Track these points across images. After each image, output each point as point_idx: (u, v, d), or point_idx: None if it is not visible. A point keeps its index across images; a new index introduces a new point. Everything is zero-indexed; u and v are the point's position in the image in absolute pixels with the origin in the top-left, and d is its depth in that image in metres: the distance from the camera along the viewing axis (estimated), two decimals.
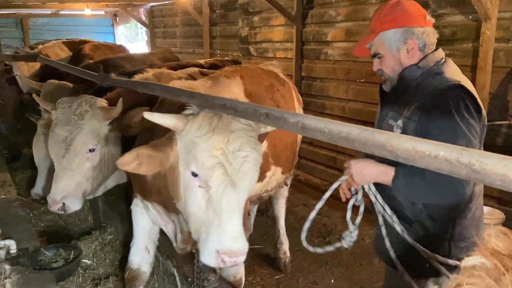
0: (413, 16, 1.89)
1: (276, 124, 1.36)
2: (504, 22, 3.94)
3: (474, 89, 1.84)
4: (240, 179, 1.79)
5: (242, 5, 7.52)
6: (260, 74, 3.20)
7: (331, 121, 1.18)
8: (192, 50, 9.34)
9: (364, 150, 1.09)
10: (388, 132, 1.03)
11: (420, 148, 0.93)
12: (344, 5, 5.62)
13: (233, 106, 1.54)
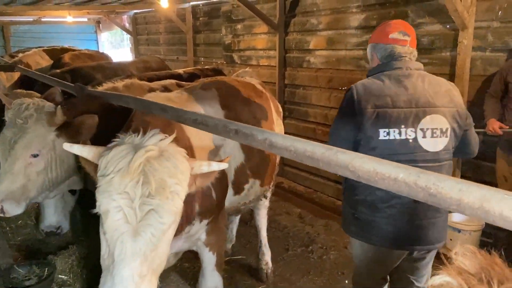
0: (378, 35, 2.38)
1: (246, 141, 1.35)
2: (481, 31, 4.01)
3: (366, 92, 2.23)
4: (143, 230, 1.57)
5: (225, 13, 7.54)
6: (236, 86, 3.18)
7: (298, 139, 1.17)
8: (176, 57, 9.31)
9: (328, 170, 1.08)
10: (352, 152, 1.03)
11: (380, 170, 0.93)
12: (325, 14, 5.66)
13: (204, 122, 1.53)
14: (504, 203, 0.73)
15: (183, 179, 1.70)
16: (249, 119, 2.99)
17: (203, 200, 2.33)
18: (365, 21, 5.11)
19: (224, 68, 7.63)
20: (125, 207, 1.58)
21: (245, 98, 3.14)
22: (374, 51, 2.35)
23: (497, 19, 3.88)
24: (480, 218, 0.76)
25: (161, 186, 1.62)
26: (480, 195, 0.76)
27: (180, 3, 8.15)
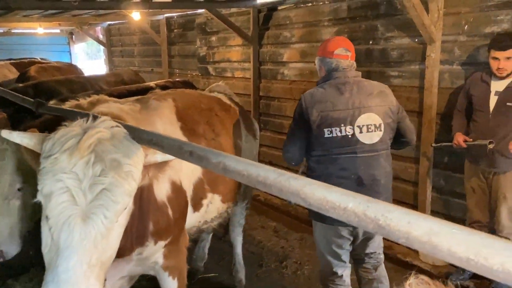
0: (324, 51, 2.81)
1: (200, 163, 1.29)
2: (448, 45, 4.09)
3: (312, 100, 2.69)
4: (94, 211, 1.42)
5: (200, 25, 7.51)
6: (197, 98, 3.06)
7: (252, 163, 1.12)
8: (151, 69, 9.21)
9: (280, 196, 1.04)
10: (304, 178, 0.98)
11: (330, 198, 0.89)
12: (298, 27, 5.69)
13: (159, 142, 1.47)
14: (452, 237, 0.69)
15: (137, 161, 1.59)
16: (206, 132, 2.88)
17: (158, 217, 2.17)
18: (336, 34, 5.15)
19: (199, 80, 7.61)
20: (72, 187, 1.43)
21: (206, 110, 3.04)
22: (322, 64, 2.82)
23: (464, 33, 3.96)
24: (429, 253, 0.72)
25: (115, 164, 1.50)
26: (428, 228, 0.72)
27: (154, 15, 8.08)
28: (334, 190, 0.90)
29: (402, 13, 4.38)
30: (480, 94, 3.57)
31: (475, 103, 3.61)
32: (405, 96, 4.51)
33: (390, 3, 4.50)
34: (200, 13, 7.41)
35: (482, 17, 3.81)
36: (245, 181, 1.12)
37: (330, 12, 5.19)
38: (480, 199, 3.69)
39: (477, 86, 3.61)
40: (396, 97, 4.54)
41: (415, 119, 4.45)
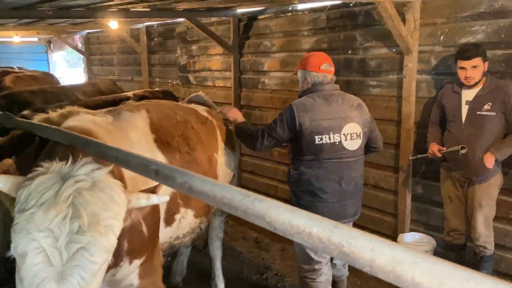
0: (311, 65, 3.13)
1: (166, 183, 1.25)
2: (425, 55, 4.14)
3: (304, 109, 2.97)
4: (70, 273, 1.34)
5: (180, 34, 7.46)
6: (172, 109, 3.00)
7: (217, 184, 1.08)
8: (131, 78, 9.10)
9: (246, 219, 1.00)
10: (270, 200, 0.95)
11: (295, 223, 0.86)
12: (278, 36, 5.70)
13: (126, 160, 1.42)
14: (416, 266, 0.66)
15: (118, 212, 1.52)
16: (181, 145, 2.83)
17: (132, 235, 2.09)
18: (316, 44, 5.17)
19: (180, 89, 7.54)
20: (48, 247, 1.35)
21: (181, 122, 2.97)
22: (309, 77, 3.10)
23: (440, 44, 4.02)
24: (393, 282, 0.69)
25: (94, 220, 1.42)
26: (392, 257, 0.69)
27: (133, 24, 8.00)
28: (300, 215, 0.87)
29: (379, 24, 4.42)
30: (452, 104, 3.62)
31: (448, 113, 3.66)
32: (384, 105, 4.54)
33: (368, 13, 4.54)
34: (180, 22, 7.37)
35: (457, 28, 3.87)
36: (210, 202, 1.08)
37: (309, 22, 5.21)
38: (457, 208, 3.72)
39: (449, 97, 3.66)
40: (375, 106, 4.63)
41: (394, 128, 4.49)
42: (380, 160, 4.64)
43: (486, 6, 3.63)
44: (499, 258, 3.77)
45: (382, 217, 4.71)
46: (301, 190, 3.03)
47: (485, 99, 3.41)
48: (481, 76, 3.43)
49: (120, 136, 2.36)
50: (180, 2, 4.56)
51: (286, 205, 0.91)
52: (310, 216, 0.85)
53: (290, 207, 0.90)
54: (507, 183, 3.67)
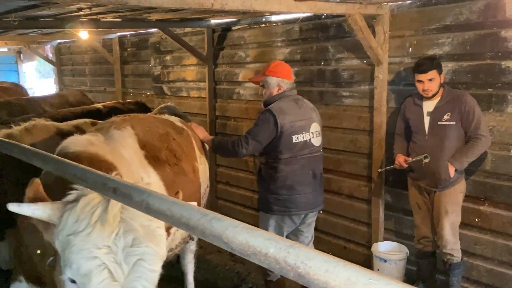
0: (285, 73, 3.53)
1: (123, 201, 1.20)
2: (395, 67, 4.22)
3: (282, 112, 3.38)
4: (133, 285, 1.40)
5: (154, 44, 7.39)
6: (153, 123, 3.02)
7: (176, 203, 1.05)
8: (103, 88, 8.94)
9: (204, 239, 0.96)
10: (228, 220, 0.92)
11: (252, 243, 0.83)
12: (252, 47, 5.72)
13: (84, 177, 1.36)
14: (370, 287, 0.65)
15: (161, 222, 1.55)
16: (169, 158, 2.84)
17: None
18: (290, 55, 5.21)
19: (154, 100, 7.45)
20: (109, 263, 1.39)
21: (163, 135, 2.98)
22: (283, 83, 3.47)
23: (408, 55, 4.10)
24: None
25: (147, 231, 1.47)
26: (346, 278, 0.67)
27: (105, 34, 7.88)
28: (257, 234, 0.84)
29: (351, 35, 4.49)
30: (415, 116, 3.72)
31: (412, 125, 3.76)
32: (357, 115, 4.59)
33: (339, 25, 4.61)
34: (153, 32, 7.30)
35: (424, 40, 3.96)
36: (168, 221, 1.04)
37: (283, 33, 5.25)
38: (426, 215, 3.79)
39: (411, 109, 3.77)
40: (348, 116, 4.68)
41: (366, 137, 4.54)
42: (354, 169, 4.68)
43: (452, 19, 3.73)
44: (469, 265, 3.83)
45: (357, 227, 4.74)
46: (278, 187, 3.37)
47: (444, 110, 3.52)
48: (438, 88, 3.55)
49: (116, 155, 2.34)
50: (152, 13, 4.51)
51: (243, 224, 0.88)
52: (267, 236, 0.83)
53: (248, 226, 0.87)
54: (475, 191, 3.75)
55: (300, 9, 3.48)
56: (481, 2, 3.53)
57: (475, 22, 3.60)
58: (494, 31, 3.48)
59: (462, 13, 3.66)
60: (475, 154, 3.45)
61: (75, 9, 3.84)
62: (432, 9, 3.87)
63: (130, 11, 4.07)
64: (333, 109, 4.81)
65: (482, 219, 3.75)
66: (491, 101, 3.59)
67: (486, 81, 3.60)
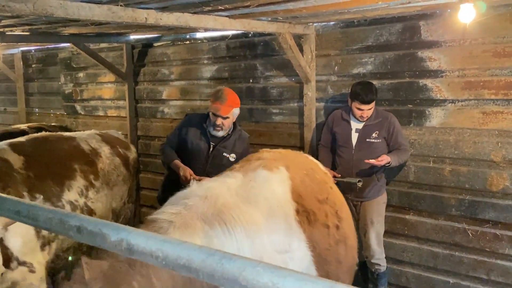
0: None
1: (94, 242, 1.00)
2: (322, 84, 4.37)
3: None
4: None
5: (64, 60, 6.83)
6: (308, 164, 2.44)
7: (168, 241, 0.89)
8: (4, 108, 8.01)
9: (211, 282, 0.83)
10: (241, 258, 0.80)
11: (281, 285, 0.72)
12: (176, 64, 5.55)
13: (32, 215, 1.12)
14: None
15: None
16: (330, 217, 2.33)
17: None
18: (217, 73, 5.14)
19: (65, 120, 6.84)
20: None
21: (322, 183, 2.57)
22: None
23: (335, 74, 4.28)
24: None
25: None
26: None
27: (7, 49, 7.09)
28: (285, 274, 0.73)
29: (278, 54, 4.57)
30: (342, 131, 3.86)
31: (339, 139, 3.89)
32: (287, 132, 4.66)
33: (267, 44, 4.67)
34: (63, 47, 6.74)
35: (349, 59, 4.17)
36: (160, 264, 0.88)
37: (209, 51, 5.17)
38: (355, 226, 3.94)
39: (339, 124, 3.90)
40: (278, 133, 4.72)
41: None
42: None
43: (373, 40, 3.99)
44: (398, 272, 4.04)
45: None
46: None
47: (373, 129, 3.72)
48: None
49: (248, 208, 1.89)
50: (68, 27, 4.14)
51: (263, 263, 0.77)
52: (298, 275, 0.72)
53: (269, 265, 0.76)
54: (401, 201, 3.99)
55: (234, 26, 3.44)
56: (399, 24, 3.83)
57: (394, 43, 3.88)
58: (412, 52, 3.79)
59: (382, 34, 3.93)
60: (402, 158, 3.66)
61: None
62: (355, 30, 4.10)
63: (46, 23, 3.68)
64: (264, 126, 4.83)
65: (408, 227, 3.99)
66: (411, 116, 3.88)
67: (406, 98, 3.88)
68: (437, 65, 3.67)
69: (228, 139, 3.50)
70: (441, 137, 3.73)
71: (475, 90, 3.53)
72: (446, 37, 3.61)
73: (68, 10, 2.38)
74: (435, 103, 3.74)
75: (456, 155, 3.67)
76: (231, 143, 3.51)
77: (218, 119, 3.37)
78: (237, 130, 3.58)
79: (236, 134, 3.55)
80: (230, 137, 3.51)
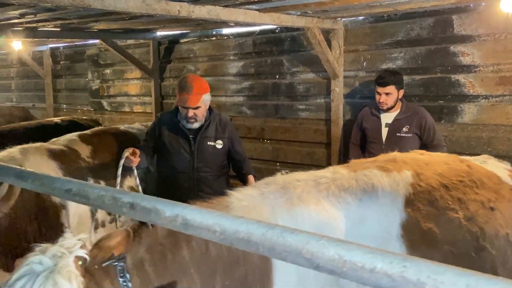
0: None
1: (147, 218, 1.01)
2: (350, 80, 4.32)
3: None
4: None
5: (91, 56, 6.95)
6: (462, 171, 1.88)
7: (224, 216, 0.89)
8: (32, 104, 8.20)
9: (271, 256, 0.82)
10: (304, 232, 0.79)
11: (349, 258, 0.71)
12: (202, 60, 5.58)
13: (82, 192, 1.14)
14: None
15: None
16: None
17: None
18: (243, 69, 5.15)
19: (92, 115, 6.96)
20: None
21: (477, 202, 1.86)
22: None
23: (363, 69, 4.23)
24: None
25: None
26: None
27: (36, 46, 7.26)
28: (351, 247, 0.72)
29: (305, 49, 4.55)
30: (372, 126, 3.81)
31: (369, 135, 3.84)
32: (313, 128, 4.63)
33: (294, 39, 4.65)
34: (91, 44, 6.87)
35: (377, 55, 4.12)
36: (218, 239, 0.88)
37: (235, 47, 5.18)
38: None
39: (369, 119, 3.85)
40: (304, 129, 4.70)
41: (323, 150, 4.58)
42: None
43: (403, 35, 3.92)
44: None
45: None
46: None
47: (403, 123, 3.65)
48: (395, 102, 3.66)
49: (323, 210, 1.62)
50: (99, 22, 4.21)
51: (327, 237, 0.76)
52: (365, 248, 0.71)
53: (335, 239, 0.75)
54: None
55: (263, 20, 3.44)
56: (431, 19, 3.75)
57: (425, 37, 3.81)
58: (444, 46, 3.71)
59: (413, 29, 3.86)
60: None
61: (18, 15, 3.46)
62: (384, 25, 4.04)
63: (79, 18, 3.75)
64: (289, 122, 4.81)
65: None
66: (442, 113, 3.80)
67: (437, 94, 3.81)
68: (470, 60, 3.59)
69: (207, 128, 3.11)
70: (473, 134, 3.64)
71: (510, 85, 3.43)
72: (480, 31, 3.52)
73: (105, 2, 2.43)
74: (467, 99, 3.66)
75: (489, 153, 3.56)
76: (212, 129, 3.13)
77: (189, 111, 2.99)
78: (214, 114, 3.19)
79: (214, 119, 3.16)
80: (209, 125, 3.12)
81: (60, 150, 3.04)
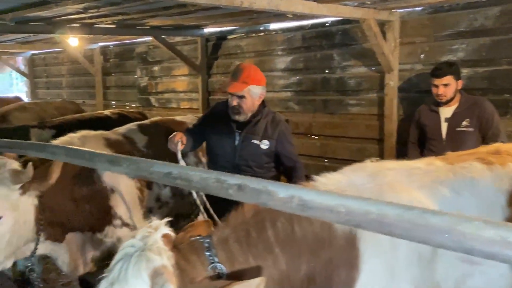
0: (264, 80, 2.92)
1: (257, 200, 0.99)
2: (405, 73, 4.18)
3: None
4: None
5: (140, 54, 7.11)
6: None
7: (348, 197, 0.85)
8: (82, 101, 8.49)
9: (410, 239, 0.78)
10: (447, 213, 0.74)
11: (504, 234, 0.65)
12: (250, 56, 5.58)
13: (184, 176, 1.13)
14: None
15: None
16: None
17: None
18: (291, 64, 5.10)
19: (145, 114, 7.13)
20: None
21: None
22: (264, 92, 2.91)
23: (420, 62, 4.08)
24: None
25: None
26: None
27: (87, 44, 7.52)
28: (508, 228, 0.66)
29: (357, 43, 4.45)
30: (431, 123, 3.63)
31: (428, 132, 3.66)
32: (365, 124, 4.52)
33: (345, 33, 4.56)
34: (140, 42, 7.04)
35: (437, 47, 3.96)
36: (342, 220, 0.84)
37: (283, 42, 5.15)
38: None
39: (427, 116, 3.67)
40: (355, 125, 4.59)
41: (375, 146, 4.46)
42: None
43: (466, 25, 3.75)
44: None
45: None
46: None
47: (463, 116, 3.46)
48: (454, 94, 3.48)
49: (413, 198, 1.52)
50: (153, 17, 4.29)
51: (477, 217, 0.70)
52: None
53: (486, 220, 0.69)
54: None
55: (321, 11, 3.38)
56: (496, 8, 3.57)
57: (490, 28, 3.62)
58: (511, 37, 3.52)
59: (477, 19, 3.68)
60: None
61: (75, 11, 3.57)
62: (445, 16, 3.88)
63: (138, 13, 3.83)
64: (339, 117, 4.72)
65: None
66: (508, 107, 3.60)
67: (502, 87, 3.61)
68: None
69: (256, 124, 2.85)
70: None
71: None
72: None
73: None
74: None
75: None
76: (261, 127, 2.85)
77: (233, 99, 2.76)
78: (267, 111, 2.91)
79: (267, 117, 2.88)
80: (259, 121, 2.85)
81: (116, 139, 3.10)
